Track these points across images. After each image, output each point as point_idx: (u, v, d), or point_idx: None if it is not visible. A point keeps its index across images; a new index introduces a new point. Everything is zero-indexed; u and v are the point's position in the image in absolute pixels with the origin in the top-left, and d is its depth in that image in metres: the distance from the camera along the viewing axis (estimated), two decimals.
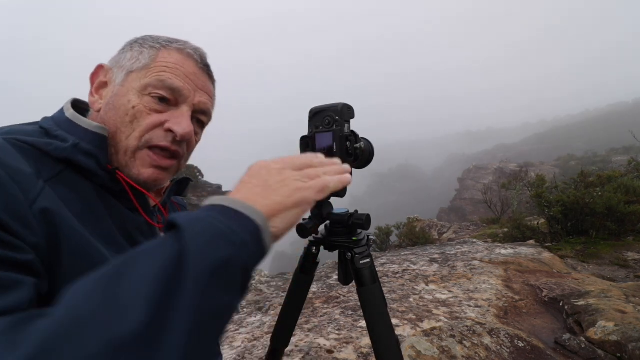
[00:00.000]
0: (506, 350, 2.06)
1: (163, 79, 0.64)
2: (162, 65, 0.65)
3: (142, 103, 0.63)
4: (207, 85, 0.71)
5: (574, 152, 52.05)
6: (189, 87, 0.66)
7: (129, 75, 0.65)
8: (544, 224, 6.65)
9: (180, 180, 0.83)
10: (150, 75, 0.64)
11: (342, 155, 0.86)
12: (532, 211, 9.93)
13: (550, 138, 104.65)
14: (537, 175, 9.72)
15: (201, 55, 0.71)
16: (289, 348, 2.02)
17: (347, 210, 0.91)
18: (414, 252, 4.76)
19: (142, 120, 0.63)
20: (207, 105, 0.71)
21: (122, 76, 0.66)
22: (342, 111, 0.86)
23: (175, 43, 0.69)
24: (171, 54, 0.66)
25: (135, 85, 0.64)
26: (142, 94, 0.63)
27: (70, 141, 0.57)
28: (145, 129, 0.63)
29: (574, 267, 4.50)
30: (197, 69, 0.68)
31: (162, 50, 0.66)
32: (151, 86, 0.63)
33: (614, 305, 2.49)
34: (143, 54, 0.66)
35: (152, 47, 0.67)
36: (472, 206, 33.24)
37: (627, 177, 6.81)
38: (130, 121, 0.62)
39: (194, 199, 15.44)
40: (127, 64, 0.66)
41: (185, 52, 0.68)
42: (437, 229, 11.84)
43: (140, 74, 0.64)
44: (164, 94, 0.64)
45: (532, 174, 13.62)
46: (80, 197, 0.56)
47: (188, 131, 0.65)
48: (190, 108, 0.67)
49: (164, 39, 0.69)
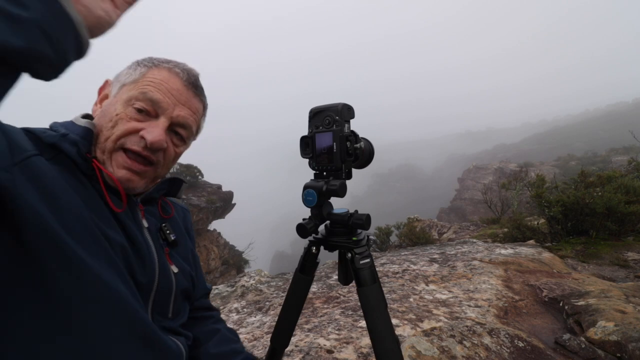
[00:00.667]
0: (506, 350, 2.06)
1: (145, 91, 0.71)
2: (148, 80, 0.73)
3: (125, 112, 0.71)
4: (191, 102, 0.78)
5: (574, 152, 52.04)
6: (168, 101, 0.73)
7: (121, 88, 0.74)
8: (544, 224, 6.65)
9: (172, 179, 0.87)
10: (137, 88, 0.72)
11: (342, 155, 0.86)
12: (532, 211, 9.93)
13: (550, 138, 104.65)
14: (537, 175, 9.71)
15: (190, 75, 0.78)
16: (289, 348, 2.02)
17: (347, 210, 0.91)
18: (414, 252, 4.76)
19: (121, 125, 0.70)
20: (187, 119, 0.77)
21: (116, 89, 0.75)
22: (342, 111, 0.86)
23: (167, 63, 0.77)
24: (160, 71, 0.74)
25: (123, 96, 0.72)
26: (127, 105, 0.71)
27: (61, 132, 0.67)
28: (121, 133, 0.70)
29: (574, 267, 4.50)
30: (181, 86, 0.75)
31: (152, 69, 0.75)
32: (134, 98, 0.71)
33: (614, 305, 2.49)
34: (136, 70, 0.75)
35: (146, 65, 0.75)
36: (472, 206, 33.25)
37: (627, 177, 6.80)
38: (112, 126, 0.70)
39: (194, 199, 15.43)
40: (122, 79, 0.75)
41: (173, 70, 0.76)
42: (437, 229, 11.84)
43: (129, 87, 0.73)
44: (144, 106, 0.71)
45: (532, 174, 13.62)
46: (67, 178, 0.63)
47: (158, 139, 0.71)
48: (167, 120, 0.74)
49: (161, 59, 0.77)
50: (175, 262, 0.84)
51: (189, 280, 0.87)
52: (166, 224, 0.85)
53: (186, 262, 0.88)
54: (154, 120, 0.72)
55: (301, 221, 0.89)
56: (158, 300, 0.76)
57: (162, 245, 0.82)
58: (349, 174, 0.91)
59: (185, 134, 0.79)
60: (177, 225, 0.91)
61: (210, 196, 16.24)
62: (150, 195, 0.82)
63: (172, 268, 0.81)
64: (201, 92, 0.81)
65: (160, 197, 0.87)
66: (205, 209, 15.45)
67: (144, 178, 0.74)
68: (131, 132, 0.70)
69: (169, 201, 0.91)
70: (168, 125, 0.74)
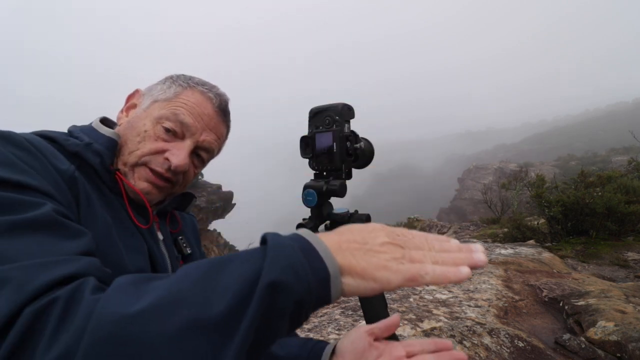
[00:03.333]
0: (506, 350, 2.06)
1: (177, 113, 0.72)
2: (182, 102, 0.73)
3: (154, 130, 0.71)
4: (218, 127, 0.79)
5: (574, 152, 52.03)
6: (197, 125, 0.74)
7: (153, 103, 0.74)
8: (544, 224, 6.64)
9: (184, 194, 0.86)
10: (169, 107, 0.73)
11: (342, 155, 0.86)
12: (532, 211, 9.93)
13: (550, 138, 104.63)
14: (537, 175, 9.71)
15: (222, 101, 0.79)
16: None
17: (347, 210, 0.91)
18: None
19: (147, 143, 0.71)
20: (212, 144, 0.78)
21: (147, 103, 0.75)
22: (342, 111, 0.86)
23: (202, 86, 0.77)
24: (194, 94, 0.75)
25: (154, 113, 0.73)
26: (156, 122, 0.72)
27: (85, 141, 0.66)
28: (147, 151, 0.71)
29: (574, 267, 4.50)
30: (212, 112, 0.76)
31: (187, 90, 0.75)
32: (165, 117, 0.72)
33: (614, 305, 2.49)
34: (171, 88, 0.75)
35: (180, 85, 0.75)
36: (472, 206, 33.23)
37: (627, 177, 6.81)
38: (138, 141, 0.71)
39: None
40: (155, 94, 0.75)
41: (207, 95, 0.76)
42: (437, 229, 11.85)
43: (161, 105, 0.73)
44: (173, 127, 0.72)
45: (532, 174, 13.61)
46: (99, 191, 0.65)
47: (182, 163, 0.72)
48: (193, 143, 0.74)
49: (196, 80, 0.77)
50: None
51: None
52: (182, 237, 0.85)
53: None
54: (180, 142, 0.73)
55: (301, 221, 0.89)
56: None
57: (178, 258, 0.81)
58: (349, 174, 0.91)
59: (206, 157, 0.80)
60: (189, 236, 0.90)
61: (210, 196, 16.24)
62: (164, 209, 0.82)
63: None
64: (229, 118, 0.82)
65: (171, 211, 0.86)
66: (205, 209, 15.46)
67: (162, 192, 0.75)
68: (157, 152, 0.71)
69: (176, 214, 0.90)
70: (193, 148, 0.75)
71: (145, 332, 0.36)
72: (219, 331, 0.37)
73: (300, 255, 0.41)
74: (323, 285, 0.41)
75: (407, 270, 0.45)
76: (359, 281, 0.44)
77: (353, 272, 0.43)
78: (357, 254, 0.44)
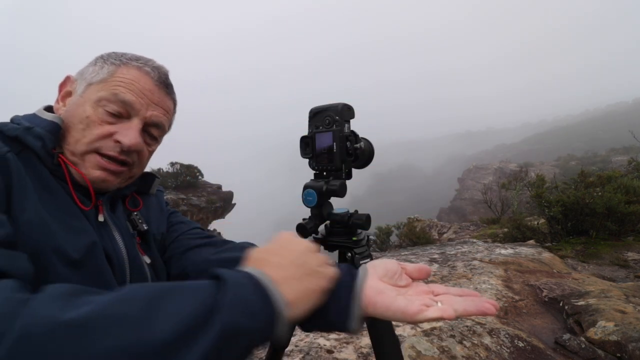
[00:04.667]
0: (506, 350, 2.06)
1: (116, 92, 0.69)
2: (118, 80, 0.70)
3: (96, 114, 0.68)
4: (163, 101, 0.76)
5: (574, 152, 52.02)
6: (141, 102, 0.71)
7: (88, 87, 0.71)
8: (544, 224, 6.64)
9: (143, 176, 0.84)
10: (106, 88, 0.69)
11: (342, 155, 0.86)
12: (532, 211, 9.92)
13: (550, 138, 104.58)
14: (537, 175, 9.72)
15: (161, 74, 0.76)
16: (289, 348, 2.02)
17: (347, 210, 0.91)
18: (414, 252, 4.76)
19: (93, 129, 0.68)
20: (160, 118, 0.76)
21: (82, 87, 0.71)
22: (342, 111, 0.86)
23: (136, 61, 0.74)
24: (129, 70, 0.72)
25: (92, 97, 0.69)
26: (96, 105, 0.69)
27: (25, 125, 0.64)
28: (94, 138, 0.68)
29: (574, 267, 4.50)
30: (153, 86, 0.73)
31: (121, 67, 0.71)
32: (105, 99, 0.69)
33: (614, 305, 2.49)
34: (103, 68, 0.71)
35: (113, 63, 0.72)
36: (472, 206, 33.22)
37: (627, 177, 6.80)
38: (82, 128, 0.68)
39: (194, 199, 15.43)
40: (88, 77, 0.72)
41: (143, 69, 0.73)
42: (437, 229, 11.84)
43: (97, 87, 0.70)
44: (116, 108, 0.69)
45: (532, 174, 13.61)
46: (39, 176, 0.62)
47: (134, 142, 0.70)
48: (141, 121, 0.72)
49: (128, 56, 0.74)
50: (149, 252, 0.81)
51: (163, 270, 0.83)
52: (137, 213, 0.82)
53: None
54: (127, 122, 0.71)
55: (301, 221, 0.89)
56: None
57: (133, 234, 0.79)
58: (349, 174, 0.91)
59: (158, 134, 0.78)
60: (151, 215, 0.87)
61: (210, 196, 16.24)
62: (119, 192, 0.79)
63: (144, 259, 0.78)
64: (172, 90, 0.79)
65: (130, 194, 0.84)
66: (205, 209, 15.46)
67: (119, 177, 0.73)
68: (105, 137, 0.68)
69: (137, 196, 0.87)
70: (142, 126, 0.72)
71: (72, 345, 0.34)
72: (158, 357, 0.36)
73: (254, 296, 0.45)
74: (272, 324, 0.45)
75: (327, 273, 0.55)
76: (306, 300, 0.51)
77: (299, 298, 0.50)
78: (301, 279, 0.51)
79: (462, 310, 0.52)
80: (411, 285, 0.60)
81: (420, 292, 0.58)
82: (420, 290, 0.59)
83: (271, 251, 0.55)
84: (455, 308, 0.52)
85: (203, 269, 0.77)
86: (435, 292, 0.58)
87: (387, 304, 0.54)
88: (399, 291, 0.58)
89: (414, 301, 0.54)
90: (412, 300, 0.55)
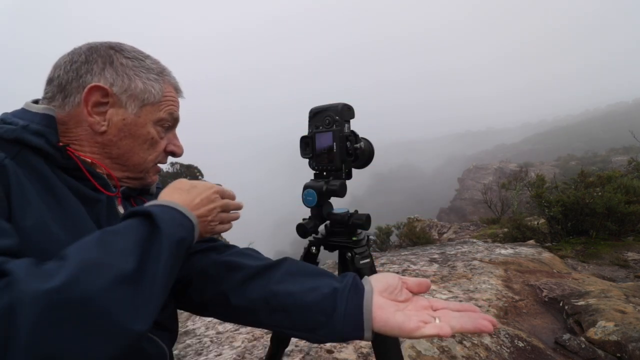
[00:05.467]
0: (506, 350, 2.06)
1: (172, 112, 0.78)
2: (168, 99, 0.77)
3: (157, 133, 0.77)
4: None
5: (574, 152, 52.01)
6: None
7: (143, 107, 0.74)
8: (544, 224, 6.64)
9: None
10: (163, 109, 0.76)
11: (342, 155, 0.86)
12: (532, 211, 9.92)
13: (550, 138, 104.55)
14: (537, 175, 9.71)
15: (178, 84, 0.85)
16: (289, 348, 2.02)
17: (347, 210, 0.91)
18: (414, 252, 4.76)
19: (157, 146, 0.77)
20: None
21: (136, 107, 0.73)
22: (342, 111, 0.86)
23: (168, 75, 0.80)
24: (169, 87, 0.79)
25: (152, 117, 0.75)
26: (156, 125, 0.77)
27: (20, 124, 0.63)
28: (159, 153, 0.79)
29: (574, 267, 4.49)
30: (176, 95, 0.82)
31: (165, 85, 0.78)
32: (164, 120, 0.77)
33: (614, 305, 2.49)
34: (154, 87, 0.75)
35: (156, 80, 0.76)
36: (472, 206, 33.21)
37: (627, 177, 6.80)
38: (147, 148, 0.76)
39: None
40: (139, 95, 0.73)
41: (174, 83, 0.81)
42: (437, 229, 11.84)
43: (154, 108, 0.75)
44: (170, 124, 0.80)
45: (532, 174, 13.61)
46: (40, 177, 0.61)
47: (183, 150, 0.83)
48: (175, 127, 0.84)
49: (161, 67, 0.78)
50: None
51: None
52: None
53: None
54: (172, 131, 0.82)
55: (301, 221, 0.89)
56: None
57: None
58: (349, 174, 0.91)
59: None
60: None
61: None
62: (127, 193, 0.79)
63: None
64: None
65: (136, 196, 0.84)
66: None
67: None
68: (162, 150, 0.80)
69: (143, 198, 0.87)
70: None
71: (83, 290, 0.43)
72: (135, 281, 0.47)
73: (177, 215, 0.59)
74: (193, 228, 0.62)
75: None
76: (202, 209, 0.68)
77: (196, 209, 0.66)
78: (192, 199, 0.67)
79: (459, 326, 0.55)
80: (411, 300, 0.62)
81: (419, 308, 0.60)
82: (420, 306, 0.60)
83: (173, 187, 0.69)
84: (452, 325, 0.54)
85: (207, 273, 0.78)
86: (435, 307, 0.60)
87: (385, 319, 0.56)
88: (398, 306, 0.59)
89: (411, 317, 0.56)
90: (410, 316, 0.57)
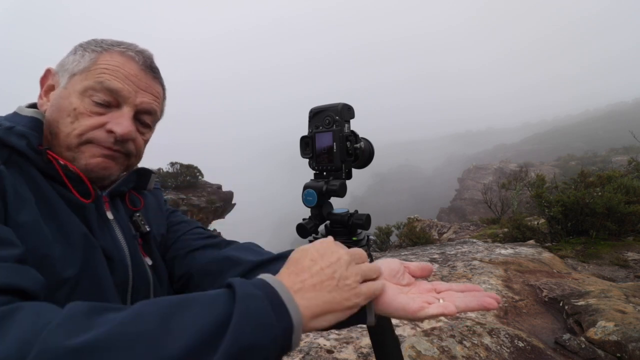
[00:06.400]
0: (506, 350, 2.06)
1: (102, 81, 0.66)
2: (102, 67, 0.67)
3: (83, 105, 0.65)
4: (152, 86, 0.73)
5: (574, 152, 52.00)
6: (129, 89, 0.68)
7: (71, 77, 0.67)
8: (544, 224, 6.64)
9: (139, 171, 0.82)
10: (91, 77, 0.66)
11: (342, 155, 0.86)
12: (532, 211, 9.92)
13: (550, 138, 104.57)
14: (537, 175, 9.72)
15: (145, 58, 0.73)
16: None
17: (347, 210, 0.91)
18: (414, 252, 4.76)
19: (82, 120, 0.65)
20: (151, 105, 0.73)
21: (65, 79, 0.68)
22: (342, 111, 0.86)
23: (118, 46, 0.71)
24: (112, 56, 0.68)
25: (77, 87, 0.66)
26: (83, 96, 0.66)
27: (6, 125, 0.60)
28: (85, 129, 0.65)
29: (574, 267, 4.49)
30: (139, 71, 0.70)
31: (103, 54, 0.69)
32: (91, 88, 0.66)
33: (614, 305, 2.49)
34: (85, 56, 0.68)
35: (94, 51, 0.69)
36: (472, 206, 33.20)
37: (627, 177, 6.80)
38: (71, 121, 0.65)
39: (194, 199, 15.43)
40: (70, 67, 0.68)
41: (127, 54, 0.70)
42: (437, 229, 11.83)
43: (81, 76, 0.67)
44: (103, 97, 0.66)
45: (532, 174, 13.61)
46: (32, 183, 0.60)
47: (127, 130, 0.67)
48: (132, 109, 0.69)
49: (109, 42, 0.71)
50: (150, 254, 0.79)
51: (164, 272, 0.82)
52: (140, 214, 0.80)
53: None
54: (117, 111, 0.68)
55: (301, 221, 0.89)
56: (137, 298, 0.72)
57: (135, 236, 0.77)
58: (349, 174, 0.91)
59: (150, 120, 0.75)
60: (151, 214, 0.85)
61: (210, 196, 16.23)
62: (118, 189, 0.76)
63: (146, 261, 0.77)
64: (159, 75, 0.77)
65: (128, 191, 0.81)
66: (205, 209, 15.45)
67: (118, 164, 0.71)
68: (96, 127, 0.66)
69: (137, 194, 0.84)
70: (133, 114, 0.70)
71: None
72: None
73: (268, 308, 0.43)
74: (287, 337, 0.43)
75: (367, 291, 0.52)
76: (327, 317, 0.48)
77: (317, 313, 0.47)
78: (320, 290, 0.48)
79: (464, 305, 0.53)
80: (414, 284, 0.61)
81: (422, 290, 0.59)
82: (423, 289, 0.59)
83: (308, 252, 0.52)
84: (456, 304, 0.52)
85: (208, 270, 0.77)
86: (438, 290, 0.59)
87: (388, 301, 0.54)
88: (402, 289, 0.58)
89: (415, 299, 0.55)
90: (414, 298, 0.55)
